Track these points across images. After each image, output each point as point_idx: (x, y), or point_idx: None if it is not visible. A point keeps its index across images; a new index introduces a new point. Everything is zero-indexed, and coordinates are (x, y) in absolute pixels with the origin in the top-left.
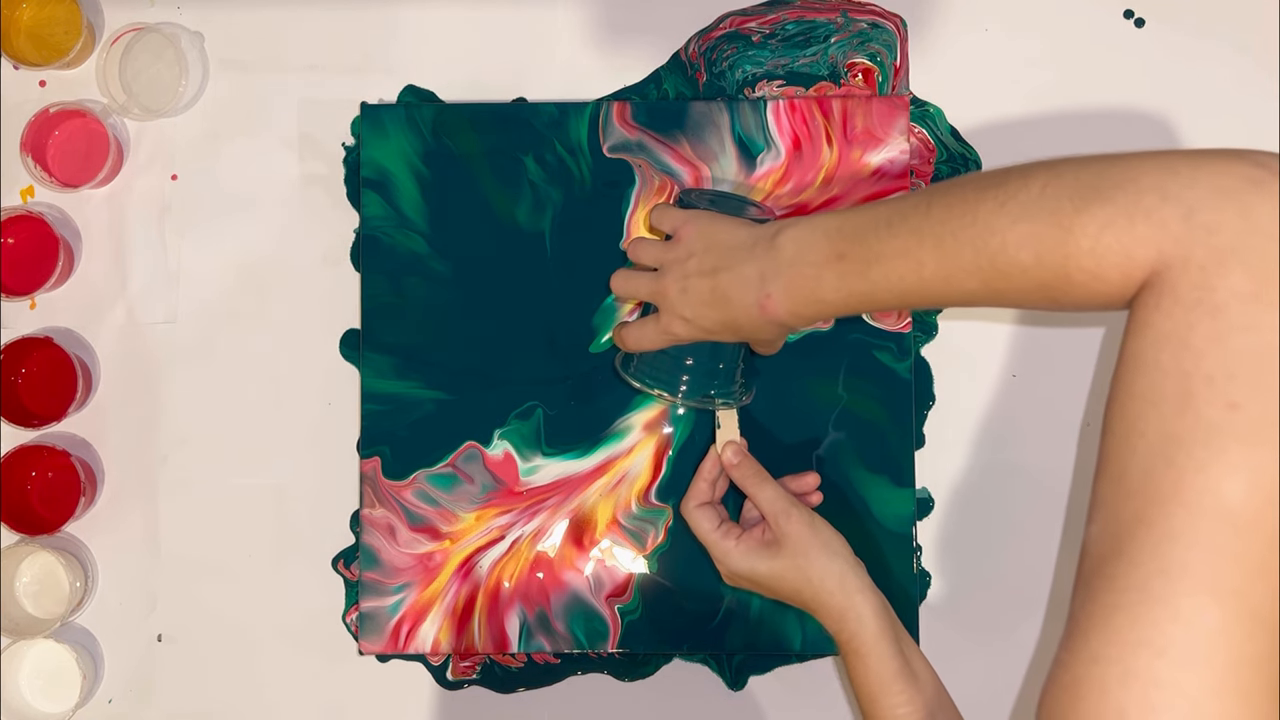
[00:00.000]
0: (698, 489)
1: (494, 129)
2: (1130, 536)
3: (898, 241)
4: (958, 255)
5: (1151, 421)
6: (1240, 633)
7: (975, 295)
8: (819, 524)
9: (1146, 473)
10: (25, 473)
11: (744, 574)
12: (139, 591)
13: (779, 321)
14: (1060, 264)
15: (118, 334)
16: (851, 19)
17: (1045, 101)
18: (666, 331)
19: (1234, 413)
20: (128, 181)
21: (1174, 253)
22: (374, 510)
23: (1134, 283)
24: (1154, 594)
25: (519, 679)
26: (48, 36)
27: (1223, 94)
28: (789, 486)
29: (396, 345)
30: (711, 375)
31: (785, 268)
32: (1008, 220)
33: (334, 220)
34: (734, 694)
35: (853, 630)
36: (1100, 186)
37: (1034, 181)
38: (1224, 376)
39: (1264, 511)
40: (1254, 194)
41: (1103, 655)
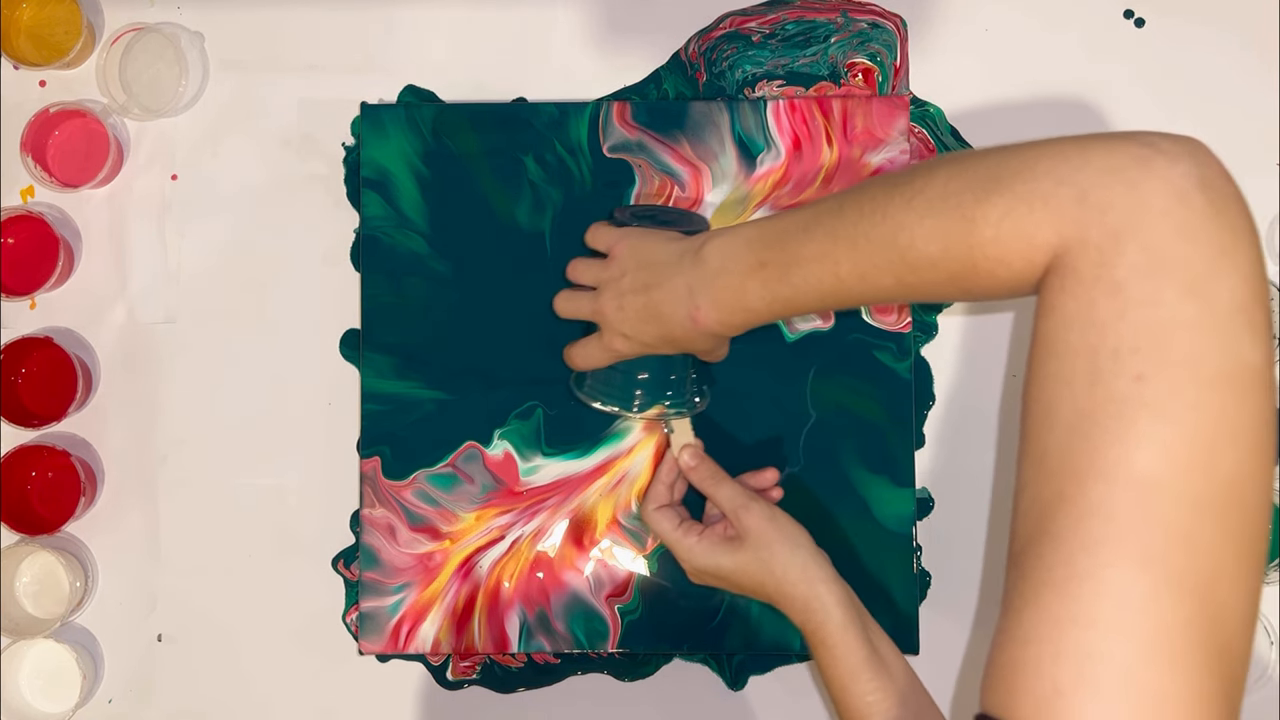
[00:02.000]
0: (655, 492)
1: (494, 129)
2: (1054, 514)
3: (814, 245)
4: (871, 254)
5: (1065, 400)
6: (1165, 600)
7: (892, 291)
8: (779, 516)
9: (1064, 450)
10: (25, 473)
11: (708, 570)
12: (139, 591)
13: (711, 332)
14: (967, 254)
15: (118, 334)
16: (851, 19)
17: (1045, 101)
18: (609, 349)
19: (1141, 384)
20: (128, 181)
21: (1072, 234)
22: (374, 510)
23: (1037, 267)
24: (1079, 569)
25: (519, 679)
26: (48, 36)
27: (1223, 94)
28: (748, 483)
29: (396, 345)
30: (664, 387)
31: (711, 279)
32: (915, 216)
33: (334, 220)
34: (734, 694)
35: (818, 621)
36: (998, 176)
37: (937, 177)
38: (1128, 350)
39: (1178, 478)
40: (1141, 172)
41: (1035, 635)
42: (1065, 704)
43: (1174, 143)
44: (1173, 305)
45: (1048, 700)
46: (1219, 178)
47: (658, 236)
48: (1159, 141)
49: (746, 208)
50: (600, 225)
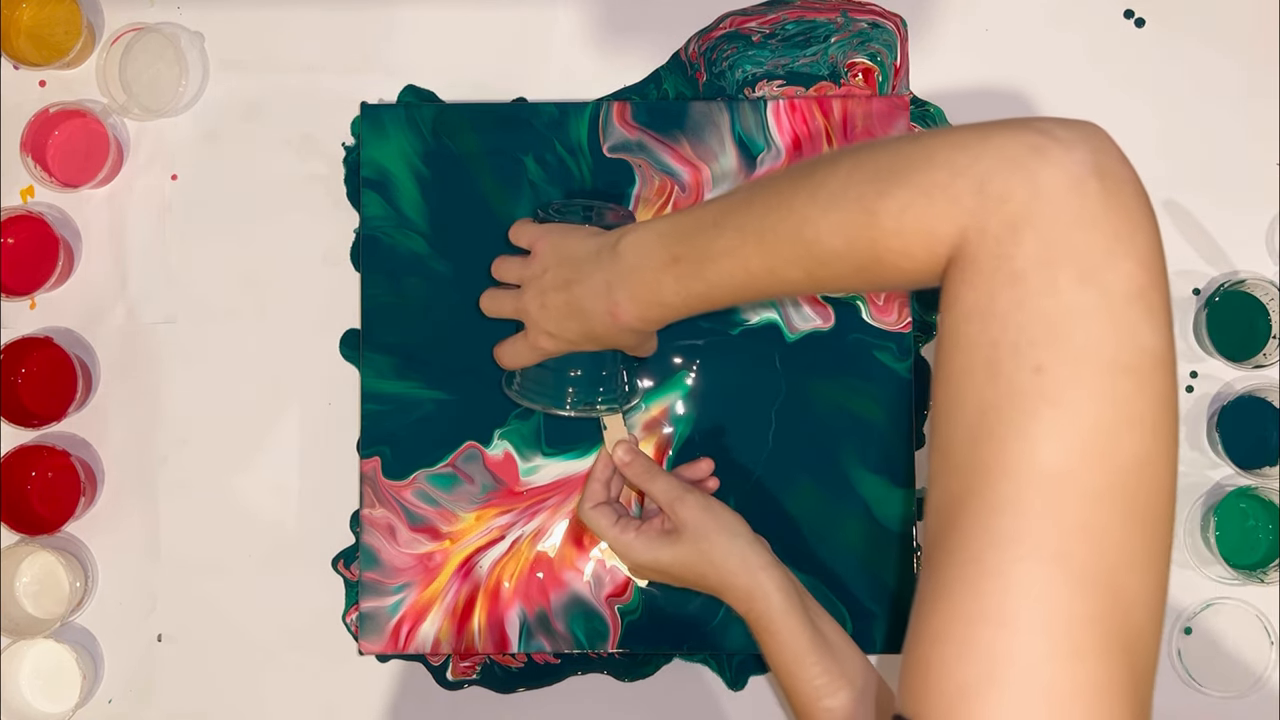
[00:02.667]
0: (592, 490)
1: (494, 129)
2: (961, 510)
3: (724, 240)
4: (778, 248)
5: (969, 394)
6: (1071, 594)
7: (802, 284)
8: (715, 507)
9: (969, 445)
10: (25, 473)
11: (648, 564)
12: (139, 591)
13: (630, 327)
14: (870, 248)
15: (118, 334)
16: (852, 19)
17: (1045, 101)
18: (535, 347)
19: (1040, 376)
20: (128, 181)
21: (971, 225)
22: (374, 510)
23: (940, 259)
24: (986, 566)
25: (519, 679)
26: (48, 36)
27: (1223, 94)
28: (683, 475)
29: (396, 345)
30: (596, 383)
31: (627, 274)
32: (819, 210)
33: (334, 220)
34: (734, 694)
35: (760, 608)
36: (898, 168)
37: (840, 169)
38: (1027, 341)
39: (1079, 469)
40: (1037, 161)
41: (943, 633)
42: (971, 703)
43: (1070, 129)
44: (1069, 294)
45: (954, 699)
46: (1115, 163)
47: (578, 232)
48: (1055, 129)
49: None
50: (523, 222)
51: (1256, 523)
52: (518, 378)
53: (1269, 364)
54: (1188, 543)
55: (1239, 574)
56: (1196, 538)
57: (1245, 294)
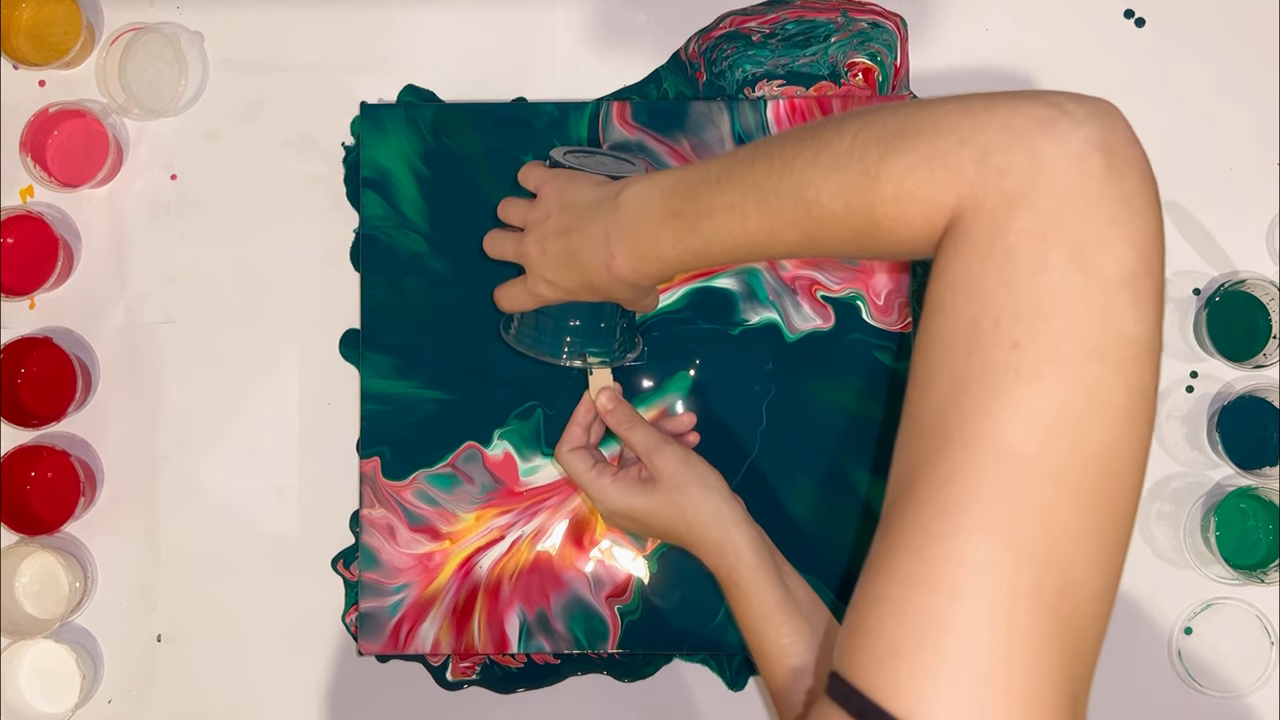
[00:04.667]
0: (571, 434)
1: (494, 129)
2: (918, 478)
3: (725, 196)
4: (778, 208)
5: (944, 365)
6: (1011, 567)
7: (798, 246)
8: (693, 459)
9: (936, 416)
10: (25, 473)
11: (620, 511)
12: (139, 591)
13: (626, 281)
14: (868, 212)
15: (117, 334)
16: (852, 18)
17: None
18: (532, 293)
19: (1016, 352)
20: (127, 181)
21: (969, 196)
22: (374, 510)
23: (936, 228)
24: (932, 532)
25: (519, 679)
26: (47, 36)
27: (1223, 94)
28: (665, 426)
29: (396, 345)
30: (594, 335)
31: (625, 226)
32: (821, 171)
33: (334, 220)
34: (734, 694)
35: (731, 564)
36: (903, 133)
37: (845, 131)
38: (1009, 318)
39: (1042, 449)
40: (1042, 134)
41: (883, 594)
42: (900, 665)
43: (1081, 105)
44: (1057, 273)
45: (885, 660)
46: (1124, 143)
47: (584, 180)
48: (1066, 103)
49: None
50: (533, 165)
51: (1256, 523)
52: (515, 322)
53: (1269, 364)
54: (1188, 543)
55: (1239, 574)
56: (1196, 538)
57: (1245, 294)
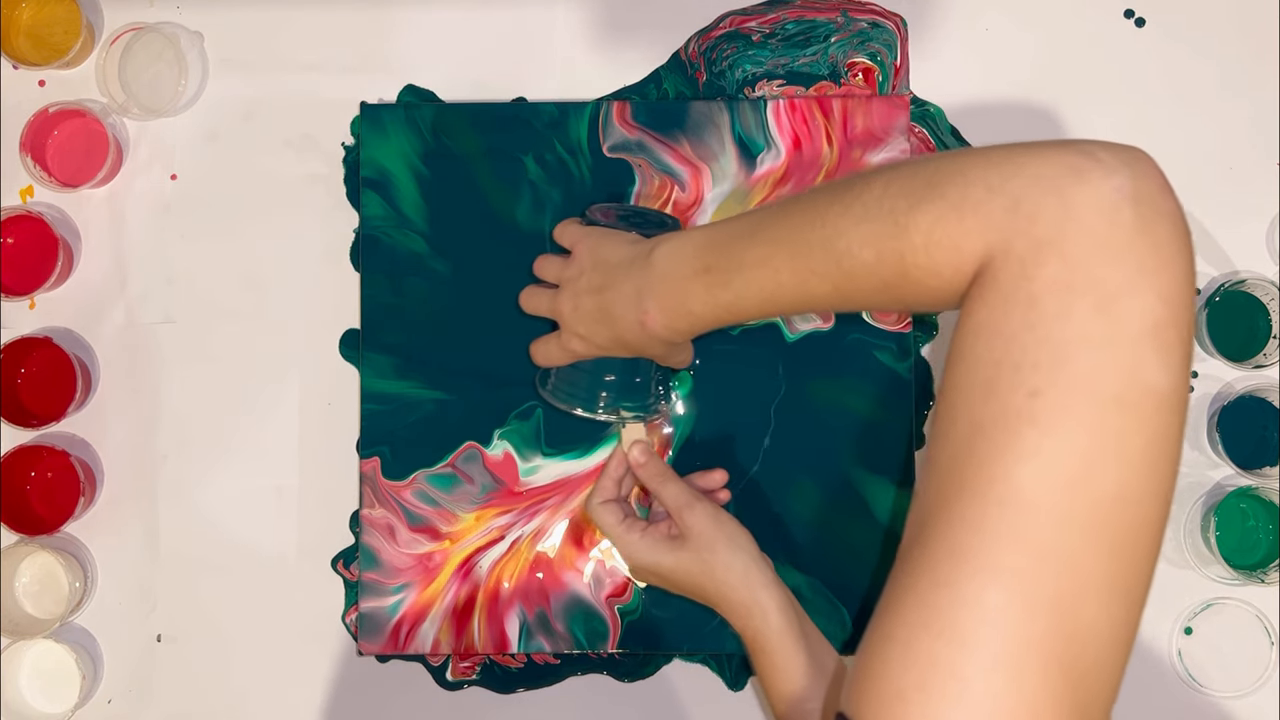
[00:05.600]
0: (603, 486)
1: (494, 129)
2: (931, 522)
3: (758, 250)
4: (809, 260)
5: (962, 410)
6: (1019, 614)
7: (830, 299)
8: (724, 518)
9: (953, 460)
10: (25, 473)
11: (648, 567)
12: (139, 591)
13: (658, 337)
14: (898, 261)
15: (117, 334)
16: (852, 18)
17: (1045, 101)
18: (566, 348)
19: (1034, 400)
20: (127, 181)
21: (998, 244)
22: (374, 510)
23: (965, 277)
24: (941, 577)
25: (519, 679)
26: (47, 36)
27: (1223, 94)
28: (695, 483)
29: (396, 345)
30: (629, 390)
31: (657, 282)
32: (851, 222)
33: (334, 220)
34: (734, 694)
35: (757, 626)
36: (933, 183)
37: (875, 183)
38: (1029, 364)
39: (1053, 496)
40: (1074, 182)
41: (891, 637)
42: (903, 708)
43: (1113, 153)
44: (1081, 322)
45: (889, 703)
46: (1156, 193)
47: (617, 238)
48: (1098, 151)
49: (747, 207)
50: (568, 222)
51: (1256, 523)
52: (552, 377)
53: (1269, 364)
54: (1188, 543)
55: (1239, 574)
56: (1196, 538)
57: (1245, 294)
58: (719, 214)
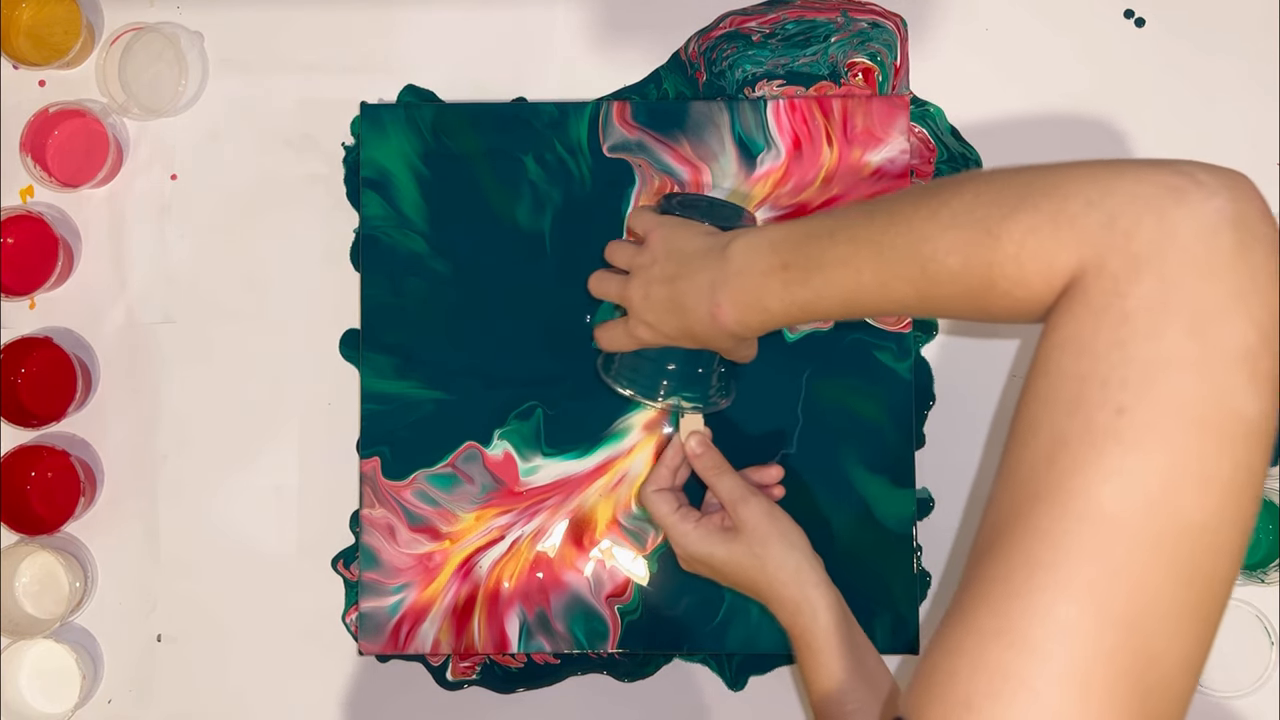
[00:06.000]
0: (658, 474)
1: (494, 129)
2: (1006, 531)
3: (839, 250)
4: (893, 262)
5: (1044, 422)
6: (1093, 629)
7: (909, 303)
8: (778, 514)
9: (1032, 471)
10: (25, 473)
11: (700, 558)
12: (139, 591)
13: (729, 331)
14: (986, 271)
15: (118, 334)
16: (852, 18)
17: (1045, 101)
18: (632, 335)
19: (1120, 417)
20: (128, 181)
21: (1092, 259)
22: (374, 510)
23: (1054, 290)
24: (1014, 587)
25: (519, 679)
26: (47, 36)
27: (1222, 94)
28: (751, 477)
29: (396, 345)
30: (690, 380)
31: (732, 276)
32: (939, 227)
33: (334, 220)
34: (734, 694)
35: (805, 624)
36: (1027, 194)
37: (966, 190)
38: (1117, 381)
39: (1135, 515)
40: (1172, 202)
41: (960, 645)
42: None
43: (1214, 175)
44: (1173, 343)
45: (955, 711)
46: (1256, 217)
47: (692, 229)
48: (1198, 172)
49: (746, 208)
50: (642, 209)
51: (1257, 523)
52: (615, 362)
53: None
54: None
55: (1239, 574)
56: None
57: None
58: None
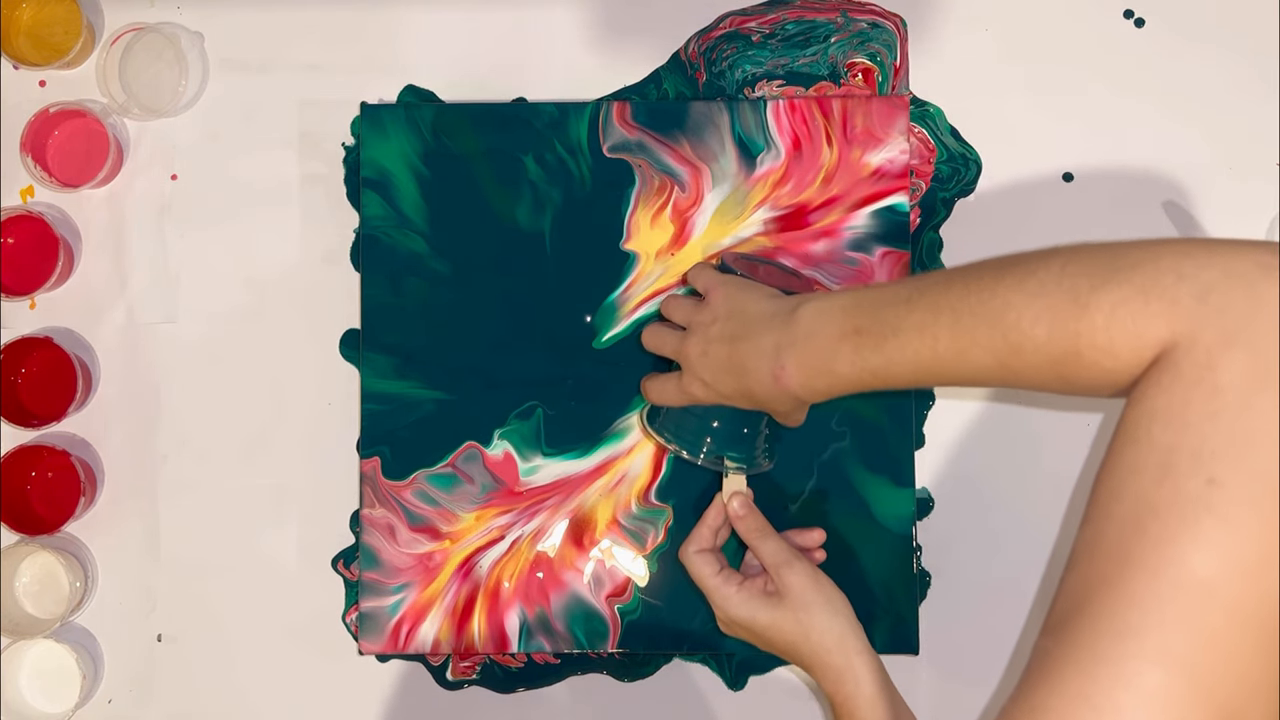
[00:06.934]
0: (700, 535)
1: (494, 129)
2: (1094, 596)
3: (915, 316)
4: (974, 330)
5: (1130, 489)
6: (1181, 700)
7: (989, 371)
8: (822, 580)
9: (1119, 537)
10: (25, 473)
11: (743, 622)
12: (139, 591)
13: (792, 394)
14: (1073, 340)
15: (118, 334)
16: (851, 19)
17: (1045, 101)
18: (685, 391)
19: (1212, 488)
20: (128, 181)
21: (1183, 332)
22: (374, 510)
23: (1143, 361)
24: (1102, 654)
25: (519, 679)
26: (48, 36)
27: (1222, 94)
28: (793, 540)
29: (396, 345)
30: (735, 440)
31: (801, 340)
32: (1025, 296)
33: (334, 220)
34: (734, 694)
35: (849, 692)
36: (1118, 266)
37: (1054, 261)
38: (1209, 453)
39: (1227, 586)
40: (1264, 279)
41: (1043, 706)
42: None
43: None
44: (1267, 416)
45: None
46: None
47: (756, 290)
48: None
49: (746, 207)
50: (703, 265)
51: None
52: (661, 415)
53: None
54: None
55: None
56: None
57: None
58: (719, 214)
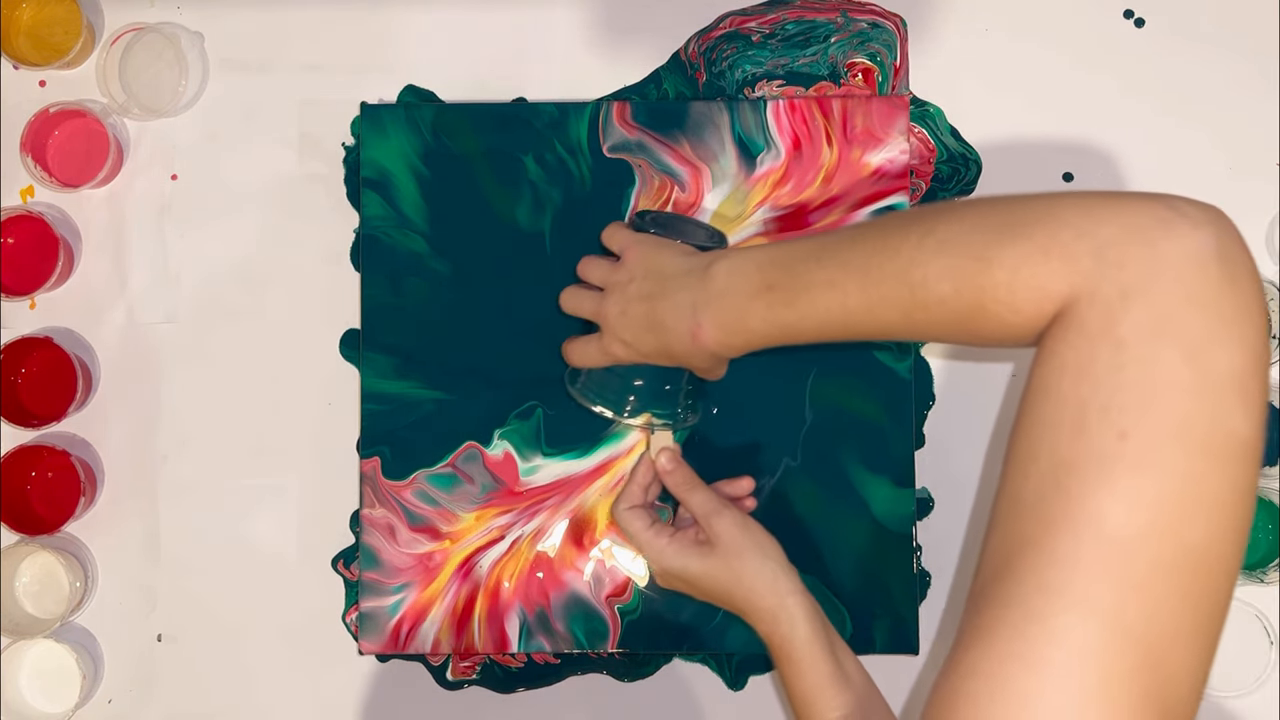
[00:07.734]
0: (630, 492)
1: (494, 129)
2: (1018, 556)
3: (825, 273)
4: (880, 286)
5: (1046, 446)
6: (1111, 649)
7: (895, 327)
8: (751, 525)
9: (1038, 495)
10: (25, 473)
11: (676, 572)
12: (139, 591)
13: (710, 351)
14: (977, 296)
15: (118, 334)
16: (851, 19)
17: (1045, 101)
18: (606, 352)
19: (1123, 442)
20: (128, 181)
21: (1083, 287)
22: (374, 510)
23: (1045, 316)
24: (1032, 611)
25: (519, 679)
26: (48, 36)
27: (1222, 94)
28: (722, 490)
29: (396, 345)
30: (658, 397)
31: (715, 297)
32: (929, 254)
33: (334, 220)
34: (734, 694)
35: (784, 634)
36: (1020, 223)
37: (956, 217)
38: (1117, 407)
39: (1146, 537)
40: (1162, 233)
41: (978, 669)
42: None
43: (1199, 209)
44: (1169, 368)
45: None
46: (1237, 249)
47: (671, 248)
48: (1184, 206)
49: (746, 207)
50: (618, 226)
51: (1256, 523)
52: (582, 376)
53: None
54: None
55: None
56: None
57: None
58: (719, 214)
